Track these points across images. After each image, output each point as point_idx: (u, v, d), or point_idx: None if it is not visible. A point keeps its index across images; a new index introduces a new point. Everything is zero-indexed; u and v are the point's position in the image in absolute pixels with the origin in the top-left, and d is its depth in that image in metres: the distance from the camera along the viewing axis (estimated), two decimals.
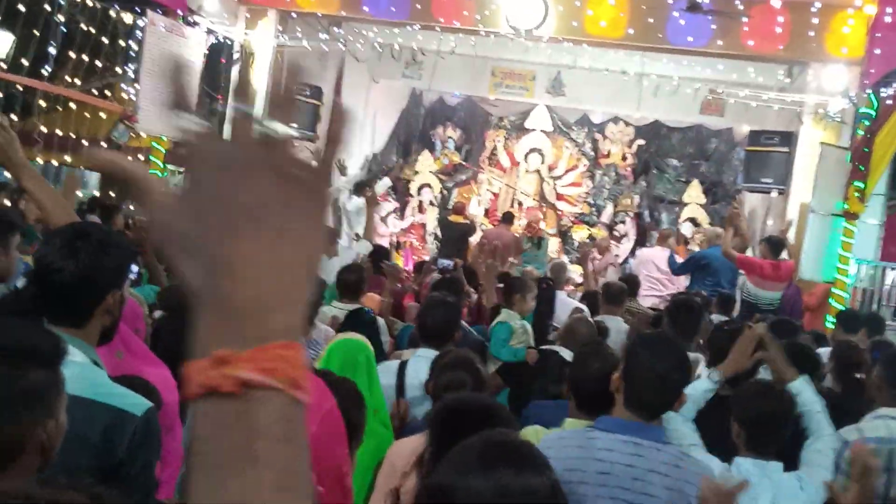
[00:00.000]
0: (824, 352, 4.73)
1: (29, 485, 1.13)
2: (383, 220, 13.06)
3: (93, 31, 8.86)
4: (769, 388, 2.76)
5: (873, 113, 8.55)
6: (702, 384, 2.84)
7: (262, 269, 0.54)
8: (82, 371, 1.76)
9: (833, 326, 7.14)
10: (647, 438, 2.15)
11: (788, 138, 10.16)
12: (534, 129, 13.44)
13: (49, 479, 1.26)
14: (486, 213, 13.23)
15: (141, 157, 9.91)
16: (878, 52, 8.44)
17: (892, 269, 8.92)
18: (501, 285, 5.31)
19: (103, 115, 9.51)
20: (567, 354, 3.93)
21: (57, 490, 1.11)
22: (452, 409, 2.00)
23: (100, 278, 1.86)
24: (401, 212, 13.43)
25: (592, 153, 13.42)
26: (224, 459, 0.51)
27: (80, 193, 12.49)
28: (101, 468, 1.71)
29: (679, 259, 9.08)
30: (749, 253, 8.85)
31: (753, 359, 2.95)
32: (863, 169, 8.39)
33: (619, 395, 2.25)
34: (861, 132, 8.64)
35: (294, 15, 10.84)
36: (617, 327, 5.51)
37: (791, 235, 8.93)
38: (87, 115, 9.65)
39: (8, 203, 7.86)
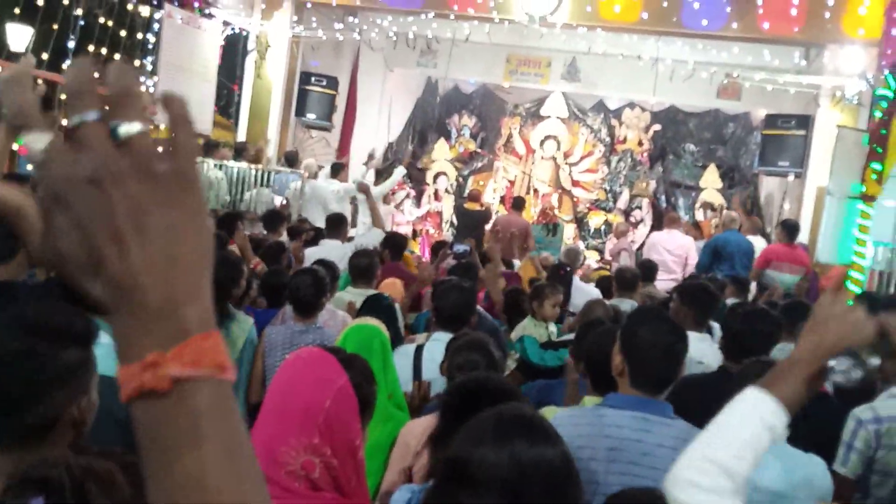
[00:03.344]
0: None
1: (66, 453, 1.21)
2: (399, 208, 13.13)
3: (111, 24, 8.96)
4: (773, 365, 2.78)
5: (891, 94, 8.47)
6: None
7: (161, 271, 0.56)
8: (110, 351, 1.81)
9: None
10: (655, 413, 2.20)
11: (805, 121, 10.10)
12: (549, 116, 13.43)
13: (83, 447, 1.33)
14: (502, 200, 13.25)
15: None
16: (895, 32, 8.37)
17: None
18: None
19: None
20: None
21: (91, 458, 1.19)
22: (465, 389, 2.05)
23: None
24: (417, 200, 13.49)
25: (608, 139, 13.40)
26: (174, 442, 0.56)
27: None
28: (129, 444, 1.77)
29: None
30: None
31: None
32: (880, 151, 8.33)
33: (622, 377, 2.28)
34: (878, 114, 8.57)
35: (309, 5, 10.90)
36: (629, 310, 5.52)
37: (808, 218, 8.90)
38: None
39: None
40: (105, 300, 0.57)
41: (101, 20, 8.77)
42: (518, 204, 10.67)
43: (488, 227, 10.47)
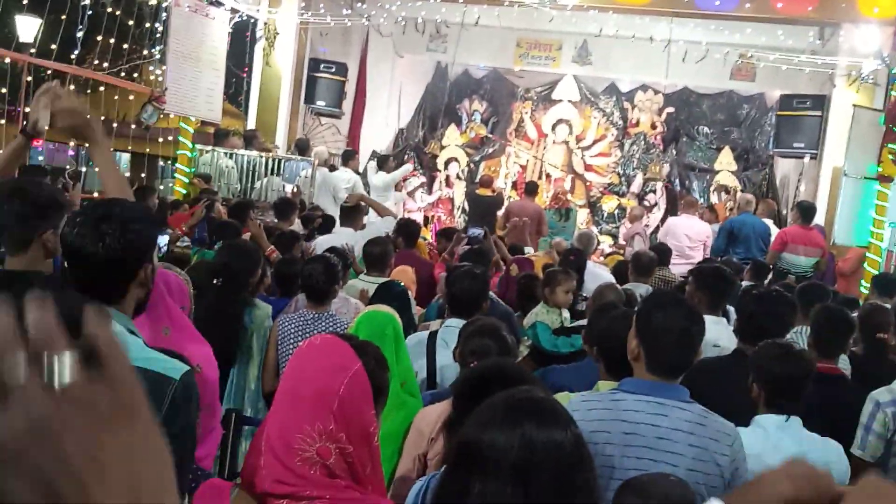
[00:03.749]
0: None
1: None
2: (411, 195, 13.11)
3: (118, 13, 8.96)
4: (788, 349, 2.76)
5: None
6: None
7: (126, 499, 0.56)
8: (120, 339, 1.81)
9: (867, 291, 7.06)
10: (671, 398, 2.17)
11: (821, 102, 10.00)
12: (561, 100, 13.34)
13: None
14: (514, 185, 13.20)
15: (171, 137, 10.03)
16: None
17: None
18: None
19: (132, 98, 9.62)
20: None
21: None
22: (478, 375, 2.03)
23: (128, 257, 1.90)
24: (428, 186, 13.47)
25: (621, 122, 13.30)
26: None
27: None
28: None
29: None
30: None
31: None
32: None
33: (637, 362, 2.26)
34: (895, 93, 8.47)
35: None
36: (644, 294, 5.49)
37: (824, 200, 8.81)
38: (116, 97, 9.77)
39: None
40: None
41: (109, 10, 8.77)
42: (531, 189, 10.62)
43: (500, 212, 10.44)
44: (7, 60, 8.45)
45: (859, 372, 3.91)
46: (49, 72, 8.37)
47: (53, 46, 8.52)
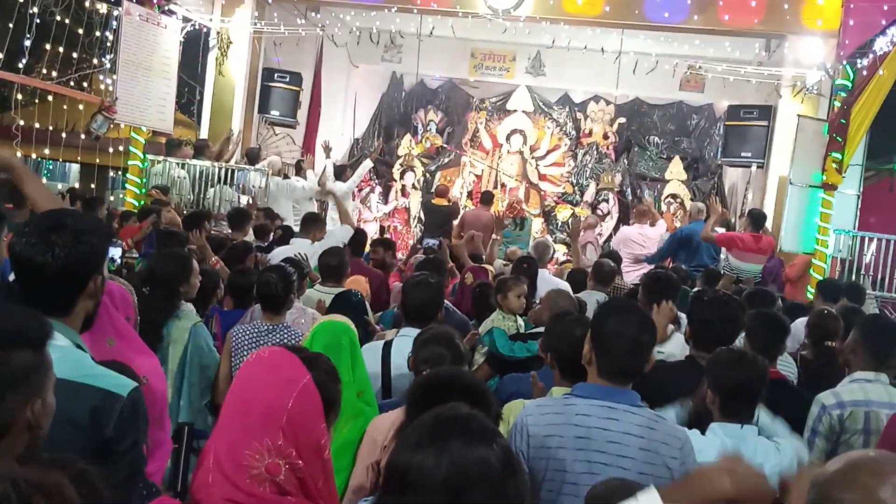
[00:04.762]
0: (803, 322, 4.80)
1: (13, 465, 1.16)
2: (365, 202, 13.09)
3: (68, 22, 8.79)
4: (742, 355, 2.81)
5: (849, 84, 8.63)
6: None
7: None
8: (66, 354, 1.78)
9: (813, 297, 7.24)
10: (622, 402, 2.21)
11: (767, 112, 10.24)
12: (515, 110, 13.46)
13: (31, 456, 1.29)
14: (470, 195, 13.26)
15: (121, 147, 9.87)
16: (851, 23, 8.51)
17: (871, 238, 9.02)
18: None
19: (81, 107, 9.44)
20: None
21: (39, 469, 1.15)
22: (430, 384, 2.04)
23: (79, 268, 1.87)
24: (384, 196, 13.45)
25: (574, 132, 13.46)
26: None
27: (59, 185, 12.44)
28: (91, 448, 1.74)
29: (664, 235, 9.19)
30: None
31: None
32: (840, 140, 8.48)
33: (591, 366, 2.30)
34: (838, 104, 8.72)
35: (270, 1, 10.79)
36: (594, 302, 5.54)
37: (771, 208, 9.02)
38: (65, 107, 9.58)
39: None
40: None
41: (58, 18, 8.60)
42: (486, 199, 10.69)
43: (456, 222, 10.47)
44: None
45: (811, 376, 3.99)
46: None
47: (0, 55, 8.33)
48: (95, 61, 9.41)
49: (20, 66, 8.54)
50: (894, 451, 1.39)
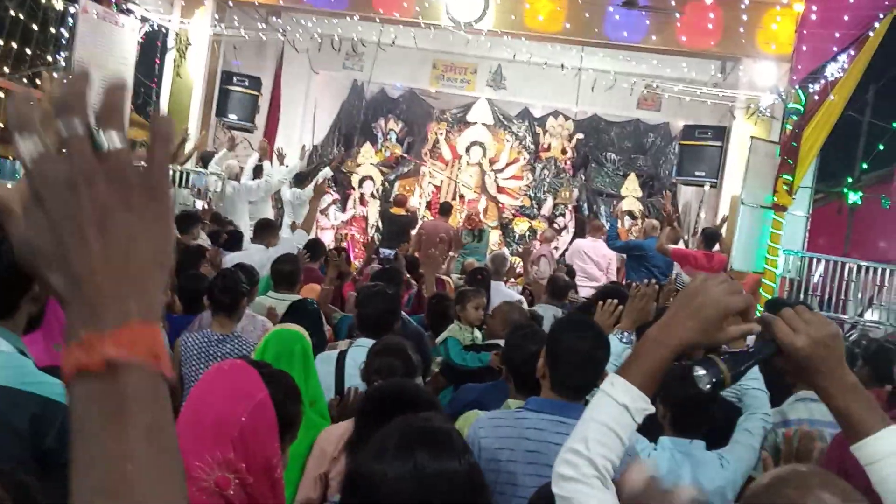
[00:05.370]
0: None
1: None
2: (324, 212, 13.00)
3: (22, 17, 8.60)
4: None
5: (801, 108, 8.83)
6: (616, 346, 2.90)
7: (114, 267, 0.62)
8: (7, 360, 1.73)
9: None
10: (574, 417, 2.20)
11: (721, 132, 10.44)
12: (475, 123, 13.51)
13: None
14: (428, 205, 13.26)
15: None
16: (805, 48, 8.71)
17: (819, 259, 9.23)
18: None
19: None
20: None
21: None
22: (381, 395, 2.03)
23: (21, 270, 1.82)
24: (342, 204, 13.38)
25: (533, 146, 13.57)
26: (99, 422, 0.59)
27: (10, 185, 12.10)
28: (31, 457, 1.69)
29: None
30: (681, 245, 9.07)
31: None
32: (791, 162, 8.65)
33: (544, 380, 2.31)
34: (789, 127, 8.91)
35: (231, 3, 10.68)
36: (551, 316, 5.57)
37: (723, 227, 9.17)
38: None
39: None
40: (61, 292, 0.62)
41: (12, 13, 8.41)
42: (444, 209, 10.71)
43: (414, 231, 10.46)
44: None
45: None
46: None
47: None
48: (50, 58, 9.22)
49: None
50: (837, 470, 1.41)
